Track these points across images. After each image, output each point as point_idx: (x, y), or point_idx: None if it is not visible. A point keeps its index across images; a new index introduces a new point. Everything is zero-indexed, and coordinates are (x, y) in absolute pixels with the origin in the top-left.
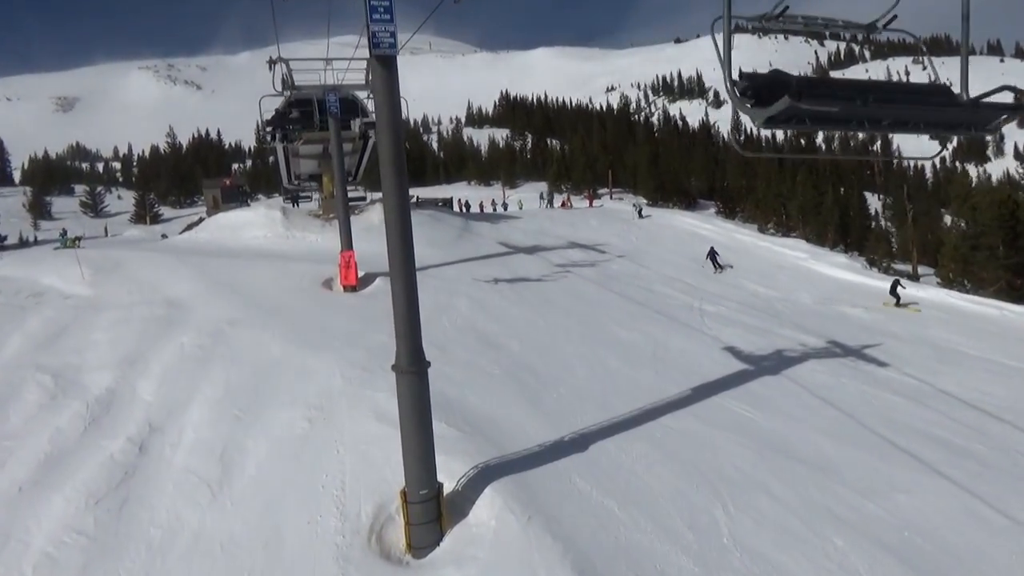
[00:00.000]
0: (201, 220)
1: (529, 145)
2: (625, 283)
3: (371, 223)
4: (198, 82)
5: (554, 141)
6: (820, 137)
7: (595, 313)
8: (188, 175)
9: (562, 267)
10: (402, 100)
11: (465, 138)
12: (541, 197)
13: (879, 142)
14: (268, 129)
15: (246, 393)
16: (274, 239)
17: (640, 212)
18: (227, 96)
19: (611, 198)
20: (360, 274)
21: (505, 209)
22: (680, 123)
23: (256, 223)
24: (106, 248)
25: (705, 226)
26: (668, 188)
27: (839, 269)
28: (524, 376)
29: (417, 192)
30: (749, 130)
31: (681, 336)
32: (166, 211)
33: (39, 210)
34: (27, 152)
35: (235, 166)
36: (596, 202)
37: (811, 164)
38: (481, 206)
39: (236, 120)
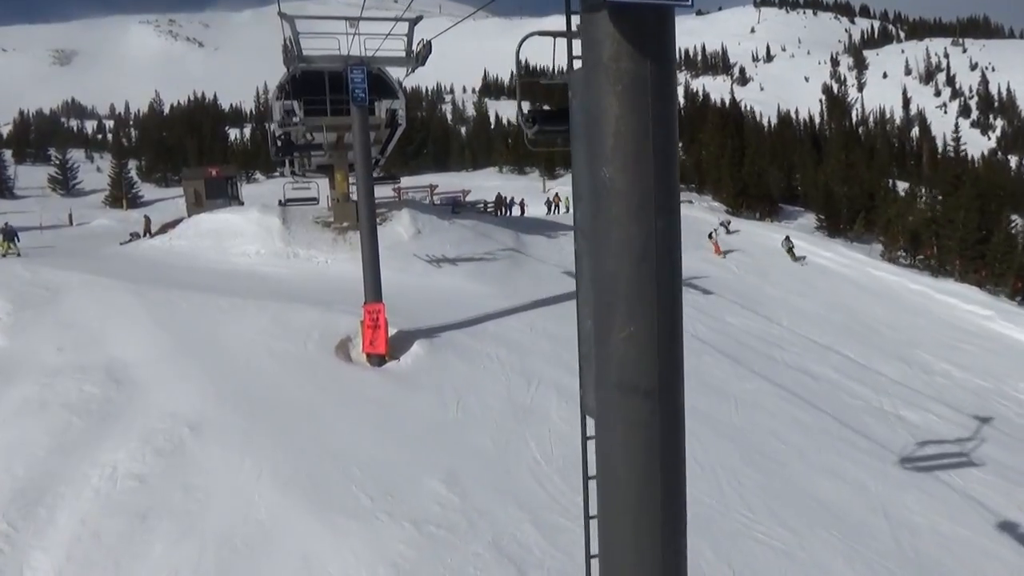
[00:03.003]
0: (178, 223)
1: None
2: (764, 356)
3: (398, 238)
4: (200, 39)
5: None
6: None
7: (755, 430)
8: (177, 147)
9: None
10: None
11: (491, 115)
12: None
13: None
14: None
15: None
16: (270, 258)
17: (728, 227)
18: (229, 54)
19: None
20: (390, 331)
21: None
22: (750, 109)
23: (247, 233)
24: (45, 264)
25: (822, 253)
26: (752, 192)
27: None
28: None
29: (438, 181)
30: None
31: (913, 494)
32: (148, 191)
33: None
34: (20, 107)
35: (231, 136)
36: None
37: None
38: (522, 205)
39: (238, 80)
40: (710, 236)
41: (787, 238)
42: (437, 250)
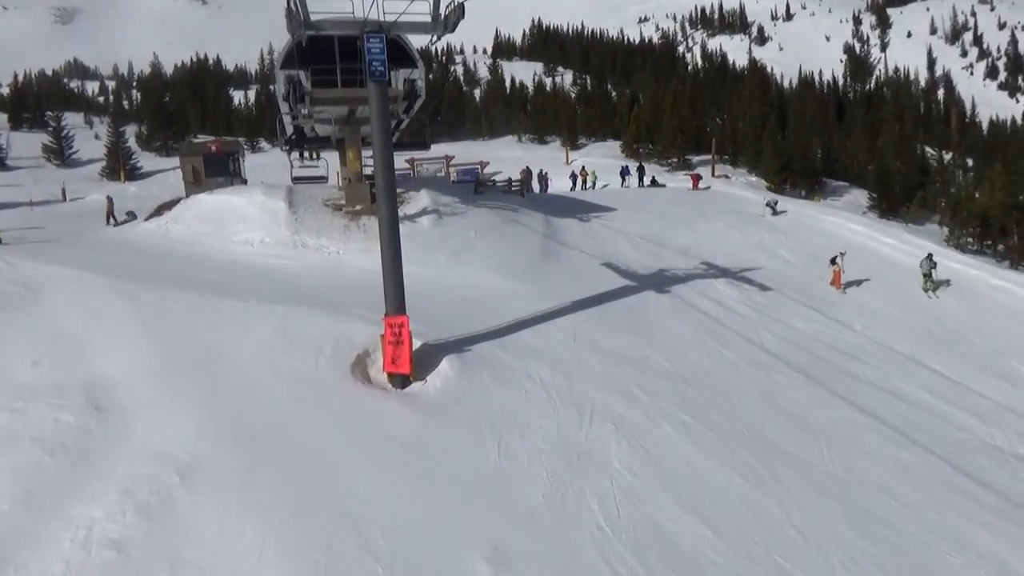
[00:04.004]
0: (175, 204)
1: (586, 87)
2: (843, 372)
3: (419, 227)
4: None
5: (611, 87)
6: None
7: (857, 481)
8: (178, 113)
9: (722, 326)
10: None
11: (507, 79)
12: (624, 173)
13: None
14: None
15: None
16: (275, 247)
17: (774, 208)
18: (234, 12)
19: (714, 175)
20: (414, 343)
21: (581, 185)
22: (771, 71)
23: (250, 218)
24: (26, 255)
25: (883, 239)
26: (796, 167)
27: None
28: None
29: (453, 151)
30: None
31: None
32: (148, 161)
33: None
34: (21, 67)
35: (235, 100)
36: (701, 183)
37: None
38: (545, 179)
39: (243, 39)
40: (833, 262)
41: (929, 257)
42: (460, 238)
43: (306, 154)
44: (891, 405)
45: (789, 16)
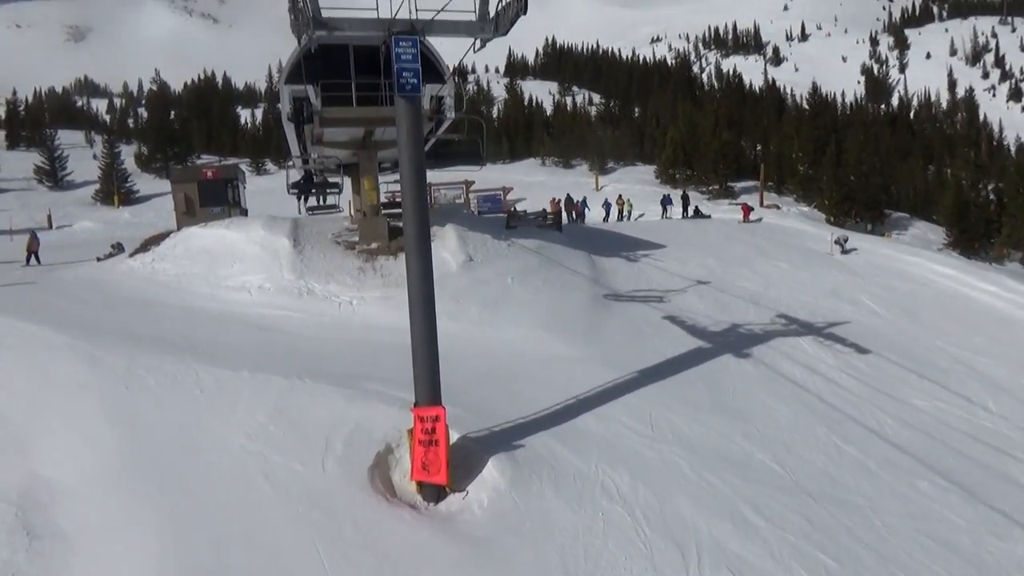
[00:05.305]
0: (163, 237)
1: (609, 108)
2: (1000, 477)
3: (445, 267)
4: (215, 15)
5: (633, 107)
6: None
7: None
8: (182, 132)
9: (826, 404)
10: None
11: (526, 96)
12: (666, 203)
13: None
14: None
15: None
16: (276, 295)
17: (843, 245)
18: (244, 31)
19: (763, 205)
20: (451, 435)
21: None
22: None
23: (248, 257)
24: None
25: (983, 286)
26: (859, 198)
27: None
28: None
29: (473, 176)
30: None
31: None
32: (145, 183)
33: None
34: (33, 84)
35: (242, 118)
36: (752, 214)
37: None
38: (575, 209)
39: (253, 57)
40: None
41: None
42: (495, 284)
43: (313, 199)
44: None
45: (804, 37)
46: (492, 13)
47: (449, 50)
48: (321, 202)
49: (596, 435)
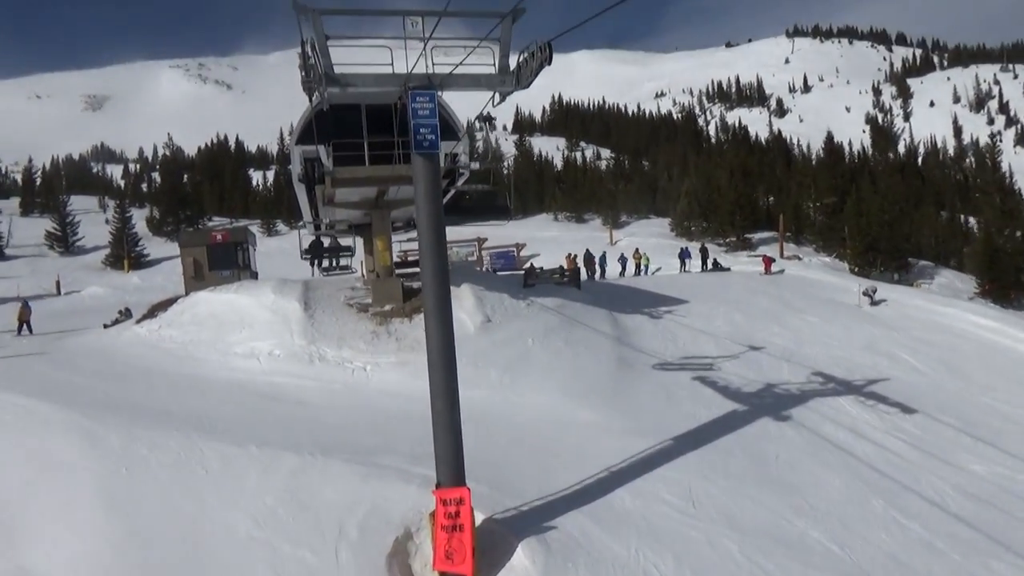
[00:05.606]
0: (171, 303)
1: (617, 162)
2: None
3: (463, 329)
4: (228, 81)
5: (644, 161)
6: None
7: None
8: (193, 195)
9: (878, 473)
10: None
11: (535, 151)
12: (684, 256)
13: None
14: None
15: None
16: (286, 362)
17: (872, 297)
18: (257, 96)
19: (783, 256)
20: (476, 518)
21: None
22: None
23: (258, 323)
24: None
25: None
26: (883, 248)
27: None
28: None
29: (485, 233)
30: None
31: None
32: (156, 247)
33: None
34: (52, 152)
35: (254, 180)
36: (774, 266)
37: None
38: (594, 264)
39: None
40: None
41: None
42: (516, 346)
43: (325, 263)
44: None
45: (807, 88)
46: (512, 65)
47: (463, 106)
48: (334, 264)
49: (633, 513)
